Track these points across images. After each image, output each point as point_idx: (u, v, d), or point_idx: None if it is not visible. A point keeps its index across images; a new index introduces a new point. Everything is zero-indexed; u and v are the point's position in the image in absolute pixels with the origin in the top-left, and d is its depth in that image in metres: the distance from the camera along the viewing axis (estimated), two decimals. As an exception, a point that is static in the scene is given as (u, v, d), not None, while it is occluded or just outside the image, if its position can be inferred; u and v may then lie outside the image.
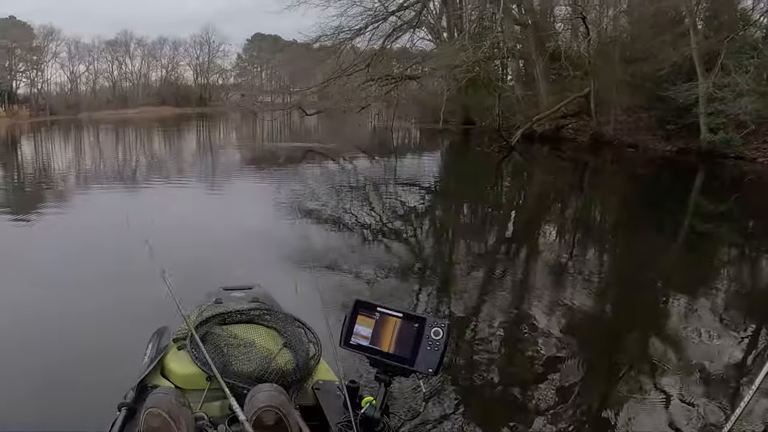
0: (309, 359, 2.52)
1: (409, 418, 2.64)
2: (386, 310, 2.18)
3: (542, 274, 8.05)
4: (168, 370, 2.51)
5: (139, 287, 6.29)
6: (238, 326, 2.64)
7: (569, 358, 5.30)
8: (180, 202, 12.17)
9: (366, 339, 2.17)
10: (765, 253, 9.71)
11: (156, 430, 1.92)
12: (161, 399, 1.97)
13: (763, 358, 5.42)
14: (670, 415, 4.32)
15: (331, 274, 7.25)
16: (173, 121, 37.81)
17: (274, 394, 2.03)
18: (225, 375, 2.35)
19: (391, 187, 15.56)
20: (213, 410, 2.36)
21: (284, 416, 1.99)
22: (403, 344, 2.13)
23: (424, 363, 2.09)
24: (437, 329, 2.10)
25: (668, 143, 20.70)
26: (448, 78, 26.99)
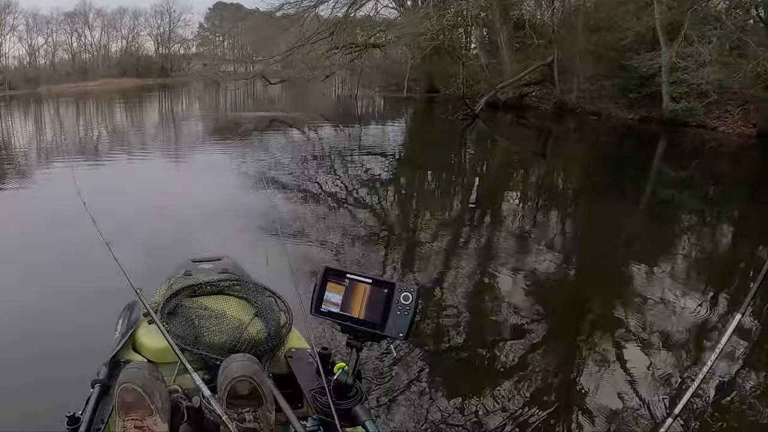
0: (280, 328, 2.53)
1: (381, 382, 2.68)
2: (356, 277, 2.19)
3: (507, 240, 8.14)
4: (140, 345, 2.49)
5: (104, 262, 6.29)
6: (208, 298, 2.64)
7: (534, 322, 5.41)
8: (144, 175, 12.02)
9: (336, 306, 2.17)
10: (725, 219, 9.92)
11: (130, 405, 1.92)
12: (134, 374, 1.97)
13: (725, 320, 5.56)
14: (633, 378, 4.43)
15: (300, 242, 7.27)
16: (135, 92, 37.09)
17: (247, 364, 2.04)
18: (197, 346, 2.37)
19: (356, 155, 15.52)
20: (187, 382, 2.35)
21: (258, 385, 2.00)
22: (373, 310, 2.14)
23: (394, 328, 2.11)
24: (406, 294, 2.11)
25: (631, 111, 20.91)
26: (412, 46, 26.88)
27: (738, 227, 9.51)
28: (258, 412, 2.00)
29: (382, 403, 3.80)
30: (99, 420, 2.11)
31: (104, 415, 2.12)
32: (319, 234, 7.76)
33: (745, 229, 9.36)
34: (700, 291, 6.41)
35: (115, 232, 5.92)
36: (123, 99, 33.29)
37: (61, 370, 3.71)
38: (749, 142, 16.89)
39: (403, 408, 3.81)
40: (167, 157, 14.86)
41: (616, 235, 8.54)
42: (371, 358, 4.05)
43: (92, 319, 4.13)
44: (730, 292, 6.57)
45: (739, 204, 10.91)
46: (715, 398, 4.12)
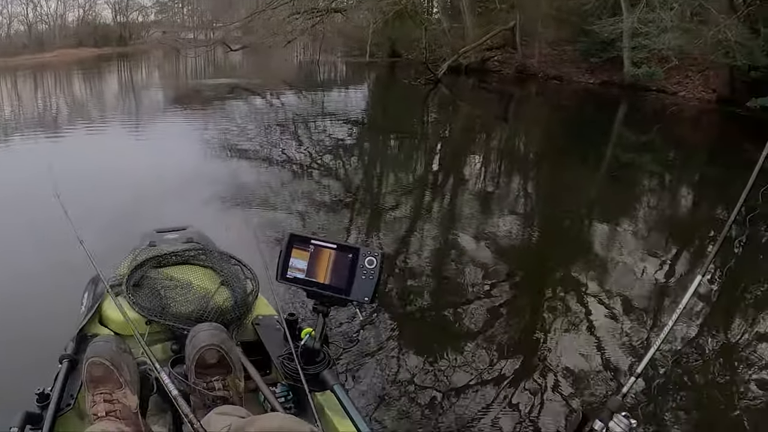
0: (247, 295, 2.53)
1: (348, 346, 2.71)
2: (320, 242, 2.20)
3: (471, 203, 8.22)
4: (106, 318, 2.47)
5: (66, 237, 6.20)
6: (173, 268, 2.63)
7: (499, 283, 5.50)
8: (104, 147, 11.80)
9: (302, 272, 2.19)
10: (685, 182, 10.10)
11: (99, 378, 1.91)
12: (102, 347, 1.96)
13: (686, 281, 5.69)
14: (597, 337, 4.53)
15: (264, 210, 7.25)
16: (93, 62, 36.16)
17: (215, 333, 2.04)
18: (164, 317, 2.36)
19: (319, 121, 15.41)
20: (155, 353, 2.36)
21: (226, 353, 2.01)
22: (338, 275, 2.16)
23: (359, 292, 2.13)
24: (371, 258, 2.14)
25: (592, 76, 21.06)
26: (374, 11, 26.61)
27: (698, 190, 9.71)
28: (227, 380, 2.01)
29: (350, 367, 3.85)
30: (69, 395, 2.09)
31: (74, 390, 2.11)
32: (285, 201, 7.74)
33: (704, 192, 9.56)
34: (661, 253, 6.54)
35: (77, 204, 5.84)
36: (81, 69, 32.47)
37: (27, 347, 3.68)
38: (709, 107, 17.13)
39: (371, 371, 3.86)
40: (128, 127, 14.58)
41: (578, 197, 8.65)
42: (339, 323, 4.09)
43: (58, 293, 4.10)
44: (691, 253, 6.74)
45: (699, 168, 11.12)
46: (677, 357, 4.24)
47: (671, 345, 4.36)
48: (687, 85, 18.52)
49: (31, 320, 4.27)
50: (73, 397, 2.09)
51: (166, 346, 2.40)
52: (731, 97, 16.65)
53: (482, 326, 4.68)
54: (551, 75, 22.18)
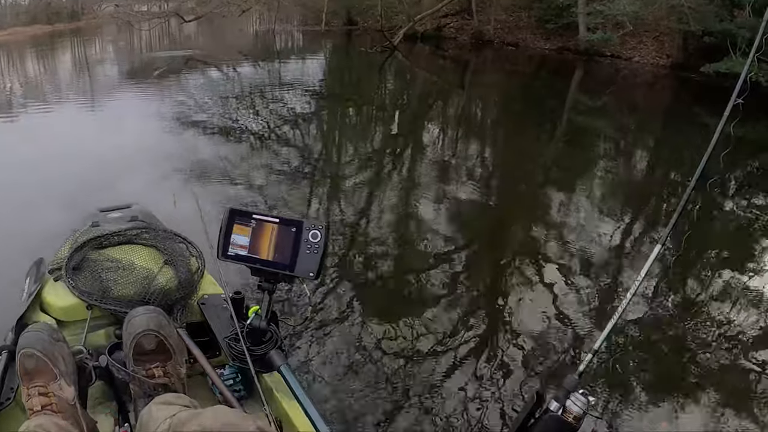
0: (192, 274, 2.46)
1: (297, 323, 2.66)
2: (262, 217, 2.14)
3: (427, 171, 8.20)
4: (47, 304, 2.37)
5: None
6: (116, 248, 2.53)
7: (457, 251, 5.50)
8: (55, 126, 11.49)
9: (244, 248, 2.14)
10: (639, 145, 10.20)
11: (32, 371, 1.82)
12: (33, 338, 1.85)
13: (643, 248, 5.76)
14: (557, 308, 4.55)
15: (217, 184, 7.11)
16: (46, 39, 35.20)
17: (152, 316, 1.95)
18: (105, 301, 2.28)
19: (276, 91, 15.21)
20: (98, 339, 2.29)
21: (165, 338, 1.93)
22: (281, 250, 2.10)
23: (304, 268, 2.08)
24: (315, 232, 2.09)
25: (548, 42, 21.09)
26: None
27: (652, 154, 9.81)
28: (167, 367, 1.93)
29: (298, 345, 3.81)
30: (8, 389, 2.00)
31: (14, 383, 2.00)
32: (240, 174, 7.60)
33: (659, 155, 9.67)
34: (618, 219, 6.62)
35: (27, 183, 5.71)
36: (34, 48, 31.64)
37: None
38: (663, 72, 17.31)
39: (320, 348, 3.82)
40: (79, 104, 14.22)
41: (535, 163, 8.70)
42: (288, 299, 4.03)
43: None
44: (648, 219, 6.82)
45: (653, 132, 11.24)
46: (636, 330, 4.28)
47: (631, 317, 4.39)
48: (641, 51, 18.67)
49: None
50: (13, 391, 2.00)
51: (109, 331, 2.32)
52: (685, 62, 16.83)
53: (438, 297, 4.68)
54: (507, 41, 22.17)
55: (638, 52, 18.65)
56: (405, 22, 22.92)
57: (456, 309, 4.51)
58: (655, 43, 18.63)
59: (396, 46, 21.25)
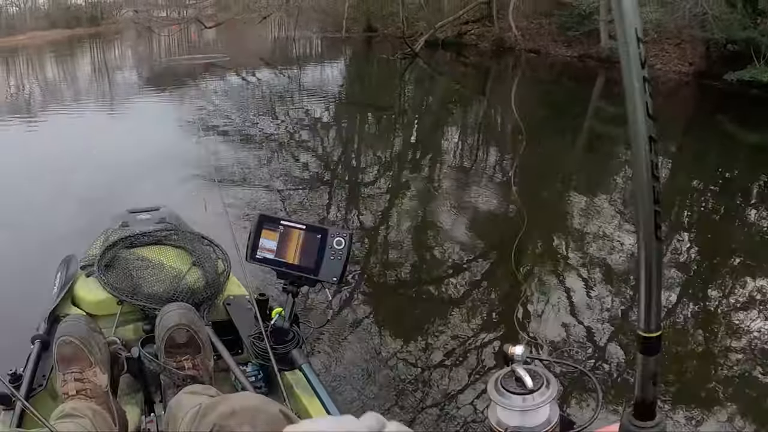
0: (218, 276, 2.55)
1: (319, 325, 2.73)
2: (289, 223, 2.23)
3: (447, 178, 8.25)
4: (78, 298, 2.48)
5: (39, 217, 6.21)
6: (145, 248, 2.63)
7: (475, 258, 5.53)
8: (79, 130, 11.69)
9: (271, 252, 2.22)
10: (660, 153, 10.16)
11: (69, 358, 1.92)
12: (72, 327, 1.98)
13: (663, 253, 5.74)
14: (576, 309, 4.58)
15: (239, 189, 7.22)
16: (65, 44, 35.59)
17: (184, 312, 2.06)
18: (136, 297, 2.38)
19: (296, 98, 15.35)
20: (127, 333, 2.39)
21: (195, 333, 2.03)
22: (307, 255, 2.19)
23: (328, 272, 2.17)
24: (339, 239, 2.17)
25: (569, 49, 21.04)
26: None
27: (674, 162, 9.76)
28: (197, 360, 2.03)
29: (319, 346, 3.88)
30: (41, 376, 2.12)
31: (46, 371, 2.13)
32: (261, 179, 7.71)
33: (680, 162, 9.63)
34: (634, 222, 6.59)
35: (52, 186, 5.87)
36: (53, 52, 31.99)
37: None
38: (685, 80, 17.18)
39: (341, 349, 3.89)
40: (102, 109, 14.41)
41: (556, 169, 8.70)
42: (310, 302, 4.10)
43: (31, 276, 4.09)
44: (667, 224, 6.80)
45: (675, 139, 11.18)
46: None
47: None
48: (663, 58, 18.56)
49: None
50: (46, 378, 2.11)
51: (137, 326, 2.42)
52: (707, 70, 16.72)
53: (457, 299, 4.73)
54: (528, 48, 22.15)
55: (660, 59, 18.55)
56: (426, 29, 23.01)
57: (475, 315, 4.56)
58: (677, 51, 18.53)
59: (417, 52, 21.33)
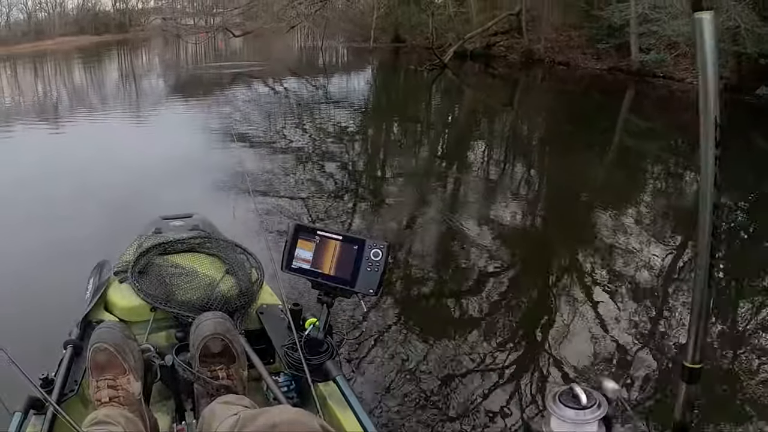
0: (252, 284, 2.54)
1: (353, 336, 2.71)
2: (326, 233, 2.20)
3: (474, 189, 8.19)
4: (111, 304, 2.48)
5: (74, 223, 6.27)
6: (179, 255, 2.63)
7: (502, 270, 5.49)
8: (109, 135, 11.81)
9: (307, 262, 2.20)
10: (689, 168, 10.05)
11: (103, 364, 1.92)
12: (106, 333, 1.97)
13: (689, 268, 5.67)
14: (603, 324, 4.51)
15: (269, 197, 7.23)
16: (93, 50, 36.07)
17: (219, 321, 2.05)
18: (169, 304, 2.37)
19: (324, 107, 15.40)
20: (159, 340, 2.38)
21: (230, 342, 2.02)
22: (343, 266, 2.16)
23: (364, 284, 2.14)
24: (376, 250, 2.14)
25: (599, 62, 20.92)
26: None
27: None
28: (231, 369, 2.02)
29: (354, 357, 3.85)
30: (72, 381, 2.11)
31: (78, 376, 2.12)
32: (290, 188, 7.73)
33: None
34: (666, 239, 6.51)
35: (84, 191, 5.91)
36: (82, 57, 32.43)
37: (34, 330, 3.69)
38: (716, 94, 16.99)
39: (374, 361, 3.86)
40: (132, 115, 14.56)
41: (584, 183, 8.62)
42: (343, 313, 4.08)
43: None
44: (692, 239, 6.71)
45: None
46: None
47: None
48: (694, 72, 18.37)
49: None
50: (77, 383, 2.10)
51: (170, 333, 2.41)
52: (739, 84, 16.53)
53: (487, 313, 4.68)
54: (558, 60, 22.07)
55: (691, 73, 18.36)
56: (455, 40, 23.04)
57: (504, 325, 4.51)
58: (708, 64, 18.36)
59: (446, 63, 21.34)
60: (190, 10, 55.76)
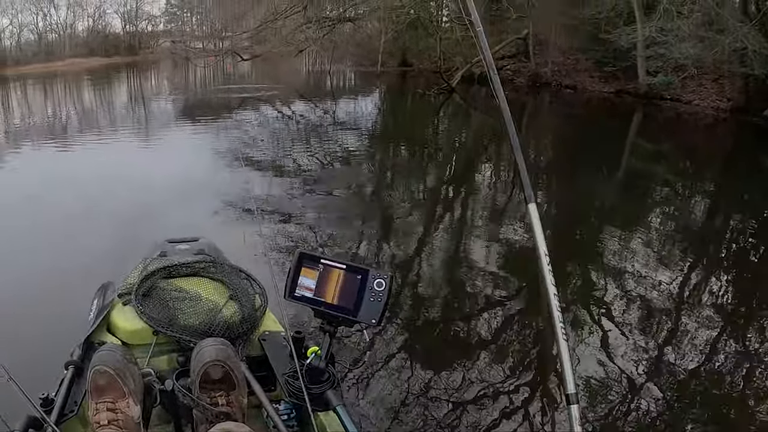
0: (255, 311, 2.53)
1: (354, 366, 2.69)
2: (330, 262, 2.20)
3: (481, 213, 8.19)
4: (114, 326, 2.48)
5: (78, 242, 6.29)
6: (183, 279, 2.63)
7: (509, 296, 5.45)
8: (117, 157, 11.88)
9: (310, 291, 2.19)
10: (698, 192, 10.03)
11: (103, 387, 1.91)
12: (107, 356, 1.96)
13: (700, 295, 5.64)
14: (610, 348, 4.48)
15: (276, 223, 7.24)
16: (103, 72, 36.39)
17: (221, 348, 2.04)
18: (171, 328, 2.36)
19: (331, 131, 15.45)
20: (160, 364, 2.37)
21: (231, 370, 2.02)
22: (346, 296, 2.15)
23: (367, 314, 2.13)
24: (380, 281, 2.13)
25: (606, 85, 21.01)
26: (386, 20, 26.69)
27: (712, 200, 9.60)
28: (231, 396, 2.01)
29: (355, 387, 3.83)
30: (72, 402, 2.10)
31: (78, 397, 2.11)
32: (296, 213, 7.71)
33: (718, 201, 9.47)
34: (674, 262, 6.48)
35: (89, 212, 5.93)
36: (91, 79, 32.69)
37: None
38: (723, 116, 17.00)
39: (375, 392, 3.83)
40: (140, 138, 14.64)
41: (592, 206, 8.61)
42: (345, 342, 4.06)
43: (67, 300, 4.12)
44: (703, 263, 6.67)
45: (713, 177, 11.03)
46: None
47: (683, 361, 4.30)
48: (701, 94, 18.43)
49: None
50: (77, 404, 2.10)
51: (172, 357, 2.40)
52: (746, 106, 16.55)
53: (492, 342, 4.65)
54: (565, 84, 22.16)
55: (698, 95, 18.42)
56: (462, 64, 23.12)
57: (509, 354, 4.48)
58: (714, 86, 18.39)
59: (454, 87, 21.41)
60: (199, 33, 56.30)
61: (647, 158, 12.23)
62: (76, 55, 51.64)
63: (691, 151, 13.33)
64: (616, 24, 19.42)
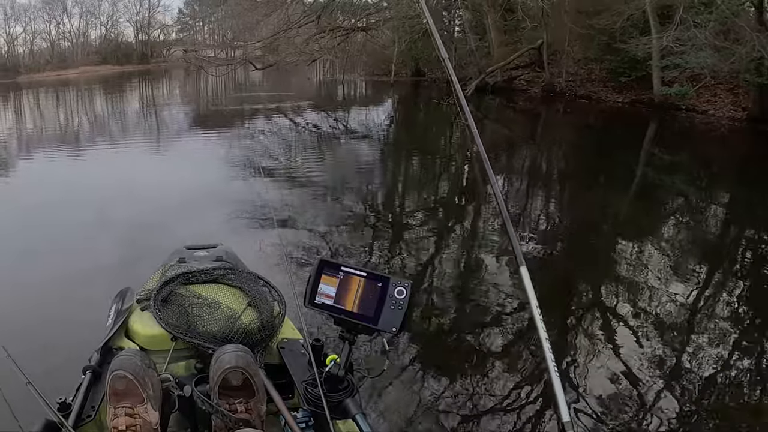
0: (273, 318, 2.52)
1: (373, 375, 2.66)
2: (350, 270, 2.18)
3: (494, 224, 8.13)
4: (132, 332, 2.48)
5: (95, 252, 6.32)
6: (202, 286, 2.63)
7: (522, 305, 5.41)
8: (132, 165, 11.93)
9: (330, 298, 2.18)
10: (714, 202, 9.95)
11: (122, 392, 1.91)
12: (126, 361, 1.96)
13: (716, 306, 5.59)
14: (623, 360, 4.45)
15: (291, 230, 7.25)
16: (115, 80, 36.63)
17: (240, 355, 2.04)
18: (190, 335, 2.36)
19: (345, 141, 15.48)
20: (178, 370, 2.37)
21: (250, 376, 2.01)
22: (366, 303, 2.14)
23: (387, 322, 2.11)
24: (401, 288, 2.12)
25: (620, 95, 20.90)
26: (399, 30, 26.72)
27: (726, 210, 9.53)
28: (250, 403, 2.01)
29: (374, 396, 3.82)
30: (90, 407, 2.11)
31: (95, 402, 2.12)
32: (311, 221, 7.73)
33: (733, 211, 9.39)
34: (688, 273, 6.43)
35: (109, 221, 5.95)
36: (104, 87, 32.88)
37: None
38: (739, 126, 16.88)
39: (394, 401, 3.81)
40: (154, 146, 14.71)
41: (605, 218, 8.56)
42: (364, 350, 4.05)
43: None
44: (718, 274, 6.61)
45: (728, 187, 10.95)
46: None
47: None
48: (716, 104, 18.33)
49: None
50: (95, 409, 2.10)
51: (190, 363, 2.41)
52: (761, 115, 16.43)
53: (508, 351, 4.63)
54: (579, 94, 22.07)
55: (713, 105, 18.32)
56: (476, 74, 23.09)
57: (526, 362, 4.46)
58: (730, 96, 18.29)
59: (467, 97, 21.36)
60: (211, 42, 56.59)
61: (662, 168, 12.16)
62: (88, 63, 52.05)
63: (707, 161, 13.24)
64: (631, 34, 19.32)
